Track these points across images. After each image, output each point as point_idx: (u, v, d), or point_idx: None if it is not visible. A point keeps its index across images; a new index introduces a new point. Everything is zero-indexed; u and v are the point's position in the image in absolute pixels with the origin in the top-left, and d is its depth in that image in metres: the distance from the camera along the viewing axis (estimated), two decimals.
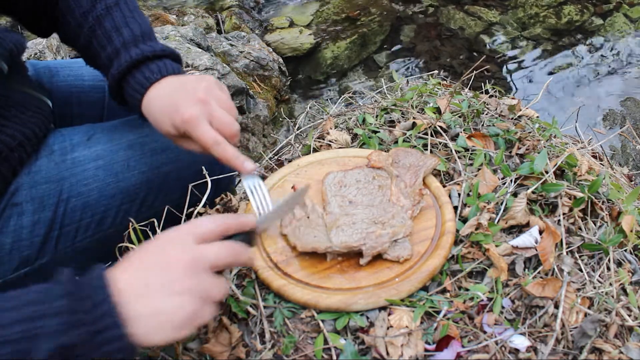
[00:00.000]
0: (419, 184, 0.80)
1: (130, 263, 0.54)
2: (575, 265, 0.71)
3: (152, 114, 0.73)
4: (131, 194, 0.82)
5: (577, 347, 0.62)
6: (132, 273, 0.53)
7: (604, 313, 0.65)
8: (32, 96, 0.82)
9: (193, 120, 0.67)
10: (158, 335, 0.51)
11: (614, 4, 2.84)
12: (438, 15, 2.90)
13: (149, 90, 0.73)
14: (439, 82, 1.18)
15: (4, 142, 0.73)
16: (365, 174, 0.82)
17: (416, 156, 0.85)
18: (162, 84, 0.73)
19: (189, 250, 0.55)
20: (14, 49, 0.75)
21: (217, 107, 0.69)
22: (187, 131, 0.68)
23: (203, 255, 0.55)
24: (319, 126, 1.03)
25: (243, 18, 2.81)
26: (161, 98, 0.72)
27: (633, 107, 2.21)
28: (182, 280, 0.52)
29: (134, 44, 0.76)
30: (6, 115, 0.75)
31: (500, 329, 0.64)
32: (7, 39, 0.73)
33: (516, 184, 0.82)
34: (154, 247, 0.55)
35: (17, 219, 0.74)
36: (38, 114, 0.81)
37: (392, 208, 0.76)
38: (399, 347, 0.61)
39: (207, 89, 0.70)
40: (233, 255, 0.57)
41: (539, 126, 1.00)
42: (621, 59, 2.51)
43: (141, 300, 0.51)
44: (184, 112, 0.68)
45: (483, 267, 0.71)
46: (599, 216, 0.78)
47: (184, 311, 0.51)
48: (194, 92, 0.69)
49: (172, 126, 0.70)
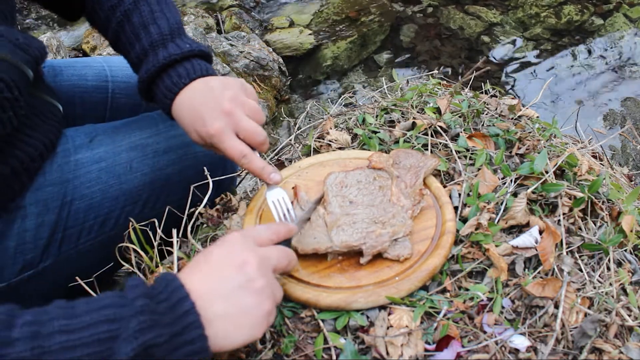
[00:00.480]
0: (420, 184, 0.80)
1: (199, 266, 0.54)
2: (575, 265, 0.71)
3: (181, 123, 0.74)
4: (134, 196, 0.82)
5: (577, 347, 0.62)
6: (206, 275, 0.53)
7: (604, 313, 0.65)
8: (48, 102, 0.82)
9: (219, 135, 0.68)
10: (237, 335, 0.51)
11: (613, 4, 2.84)
12: (438, 15, 2.90)
13: (178, 96, 0.74)
14: (438, 82, 1.18)
15: (27, 154, 0.74)
16: (366, 175, 0.82)
17: (417, 157, 0.85)
18: (190, 88, 0.74)
19: (256, 251, 0.56)
20: (39, 55, 0.75)
21: (243, 117, 0.70)
22: (214, 144, 0.70)
23: (267, 257, 0.56)
24: (319, 126, 1.04)
25: (243, 18, 2.81)
26: (188, 107, 0.73)
27: (633, 107, 2.22)
28: (258, 279, 0.53)
29: (162, 44, 0.76)
30: (30, 124, 0.76)
31: (500, 329, 0.64)
32: (32, 45, 0.73)
33: (516, 184, 0.82)
34: (220, 249, 0.55)
35: (21, 222, 0.74)
36: (54, 120, 0.81)
37: (392, 208, 0.76)
38: (399, 347, 0.61)
39: (233, 97, 0.71)
40: (289, 258, 0.60)
41: (539, 126, 1.00)
42: (621, 59, 2.51)
43: (220, 301, 0.51)
44: (210, 126, 0.69)
45: (483, 267, 0.72)
46: (599, 216, 0.78)
47: (262, 310, 0.52)
48: (219, 103, 0.70)
49: (199, 138, 0.71)
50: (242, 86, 0.74)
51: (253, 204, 0.81)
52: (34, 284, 0.77)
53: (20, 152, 0.73)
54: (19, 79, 0.68)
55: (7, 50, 0.67)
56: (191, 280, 0.51)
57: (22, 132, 0.73)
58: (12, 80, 0.67)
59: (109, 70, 1.02)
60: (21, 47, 0.70)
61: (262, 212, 0.80)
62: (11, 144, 0.72)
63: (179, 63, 0.75)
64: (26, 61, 0.71)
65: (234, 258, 0.54)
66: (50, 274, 0.78)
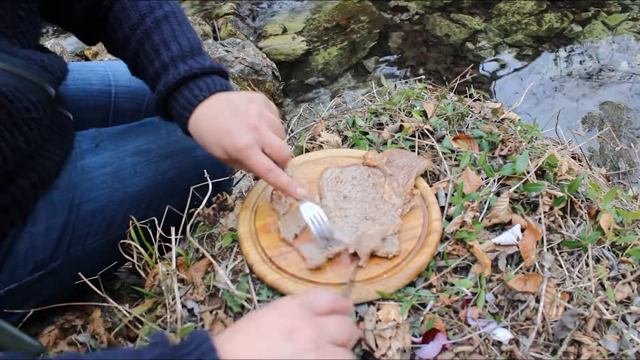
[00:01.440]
0: (411, 184, 0.82)
1: (246, 327, 0.48)
2: (555, 262, 0.73)
3: (201, 136, 0.71)
4: (138, 199, 0.84)
5: (557, 340, 0.64)
6: (252, 340, 0.47)
7: (583, 307, 0.67)
8: (63, 115, 0.83)
9: (246, 151, 0.67)
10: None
11: (592, 12, 2.92)
12: (424, 23, 2.95)
13: (197, 108, 0.72)
14: (425, 86, 1.21)
15: (46, 167, 0.74)
16: (361, 172, 0.84)
17: (410, 157, 0.87)
18: (210, 102, 0.72)
19: (313, 320, 0.50)
20: (61, 75, 0.75)
21: (269, 132, 0.69)
22: (240, 160, 0.68)
23: (324, 327, 0.50)
24: (310, 128, 1.05)
25: (238, 25, 2.84)
26: (210, 120, 0.71)
27: (611, 111, 2.27)
28: (311, 352, 0.46)
29: (182, 59, 0.75)
30: (49, 139, 0.76)
31: (484, 322, 0.66)
32: (57, 65, 0.73)
33: (499, 183, 0.83)
34: (273, 313, 0.50)
35: (32, 226, 0.75)
36: (68, 133, 0.82)
37: (383, 205, 0.78)
38: (387, 340, 0.62)
39: (259, 113, 0.70)
40: (350, 332, 0.53)
41: (520, 129, 1.02)
42: (600, 64, 2.57)
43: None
44: (237, 141, 0.67)
45: (467, 263, 0.73)
46: (578, 214, 0.80)
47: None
48: (246, 117, 0.69)
49: (223, 152, 0.69)
50: (265, 101, 0.73)
51: (248, 200, 0.82)
52: (43, 283, 0.78)
53: (40, 166, 0.74)
54: (43, 98, 0.70)
55: (34, 72, 0.68)
56: (231, 344, 0.46)
57: (42, 147, 0.75)
58: (39, 101, 0.68)
59: (112, 74, 1.03)
60: (47, 69, 0.71)
61: (257, 208, 0.81)
62: (32, 159, 0.73)
63: (199, 77, 0.74)
64: (50, 81, 0.72)
65: (285, 325, 0.48)
66: (59, 273, 0.79)
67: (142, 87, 1.04)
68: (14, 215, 0.73)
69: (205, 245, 0.79)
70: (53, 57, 0.75)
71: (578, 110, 2.30)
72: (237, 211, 0.82)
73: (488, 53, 2.71)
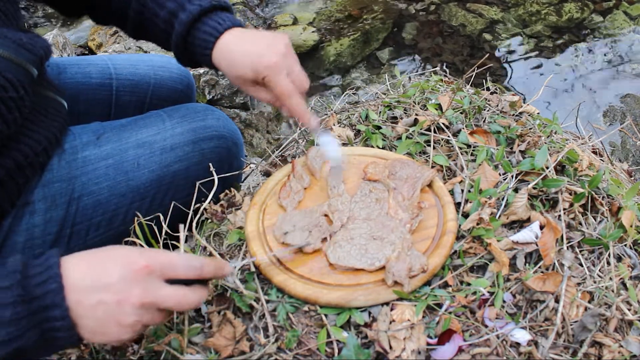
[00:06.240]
0: (417, 196, 0.78)
1: (91, 258, 0.56)
2: (575, 260, 0.71)
3: (230, 56, 0.76)
4: (141, 193, 0.83)
5: (577, 341, 0.63)
6: (89, 270, 0.55)
7: (604, 307, 0.66)
8: (52, 99, 0.83)
9: (276, 68, 0.72)
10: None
11: (613, 1, 2.84)
12: (440, 13, 2.90)
13: (223, 36, 0.76)
14: (440, 78, 1.19)
15: (31, 147, 0.74)
16: (362, 188, 0.81)
17: (413, 167, 0.83)
18: (235, 31, 0.77)
19: (148, 290, 0.55)
20: (43, 54, 0.75)
21: (296, 63, 0.75)
22: (267, 77, 0.73)
23: (160, 298, 0.55)
24: (322, 122, 1.04)
25: (247, 15, 2.83)
26: (242, 42, 0.76)
27: (633, 104, 2.22)
28: (130, 316, 0.54)
29: (191, 1, 0.78)
30: (33, 120, 0.76)
31: (502, 323, 0.65)
32: (37, 44, 0.73)
33: (517, 179, 0.82)
34: (118, 268, 0.55)
35: (30, 217, 0.75)
36: (58, 116, 0.81)
37: (390, 222, 0.74)
38: (401, 341, 0.62)
39: (288, 45, 0.76)
40: (181, 304, 0.56)
41: (539, 122, 1.00)
42: (621, 56, 2.51)
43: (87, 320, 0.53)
44: (272, 58, 0.72)
45: (484, 262, 0.72)
46: (599, 211, 0.78)
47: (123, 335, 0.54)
48: (277, 44, 0.74)
49: (252, 70, 0.74)
50: (290, 40, 0.78)
51: (257, 198, 0.81)
52: None
53: (25, 147, 0.73)
54: (24, 78, 0.69)
55: (11, 50, 0.68)
56: (74, 270, 0.54)
57: (26, 127, 0.74)
58: (18, 80, 0.67)
59: (113, 68, 1.02)
60: (25, 47, 0.70)
61: (266, 206, 0.81)
62: (15, 139, 0.72)
63: (220, 11, 0.78)
64: (31, 60, 0.71)
65: (119, 289, 0.53)
66: None
67: (144, 80, 1.04)
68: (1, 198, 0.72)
69: (213, 244, 0.79)
70: (33, 36, 0.75)
71: (599, 103, 2.25)
72: (245, 208, 0.82)
73: (506, 44, 2.65)
